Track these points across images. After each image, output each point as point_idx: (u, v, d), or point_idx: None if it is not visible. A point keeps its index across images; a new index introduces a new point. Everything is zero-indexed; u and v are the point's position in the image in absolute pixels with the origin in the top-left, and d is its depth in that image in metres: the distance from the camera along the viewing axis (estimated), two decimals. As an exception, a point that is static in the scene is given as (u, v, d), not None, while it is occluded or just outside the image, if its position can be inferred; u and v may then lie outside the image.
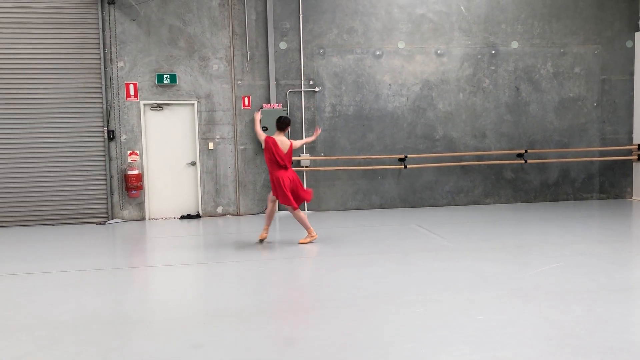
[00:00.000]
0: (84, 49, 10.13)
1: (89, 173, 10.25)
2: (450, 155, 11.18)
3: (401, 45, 11.01)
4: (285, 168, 7.57)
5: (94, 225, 10.08)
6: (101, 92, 10.19)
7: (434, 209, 10.91)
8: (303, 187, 7.84)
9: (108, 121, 10.25)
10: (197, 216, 10.61)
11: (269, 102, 10.60)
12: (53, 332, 4.44)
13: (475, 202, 11.39)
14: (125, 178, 10.24)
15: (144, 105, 10.40)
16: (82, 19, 10.09)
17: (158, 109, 10.48)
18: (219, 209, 10.72)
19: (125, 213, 10.45)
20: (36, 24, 9.97)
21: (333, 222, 9.72)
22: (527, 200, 11.54)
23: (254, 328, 4.46)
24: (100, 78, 10.16)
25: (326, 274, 6.14)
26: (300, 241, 7.80)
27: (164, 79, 10.34)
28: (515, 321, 4.46)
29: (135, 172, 10.23)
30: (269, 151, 7.51)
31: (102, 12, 10.14)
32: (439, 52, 11.12)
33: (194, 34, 10.44)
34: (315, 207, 10.92)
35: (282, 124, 7.64)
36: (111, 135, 10.25)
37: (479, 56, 11.23)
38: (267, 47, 10.60)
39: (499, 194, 11.46)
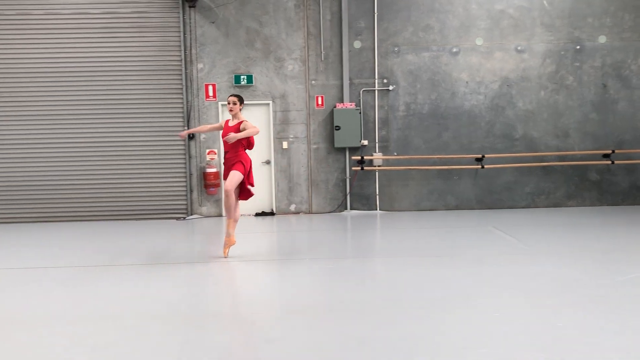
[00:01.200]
0: (166, 51, 10.57)
1: (171, 171, 10.68)
2: (531, 155, 10.77)
3: (479, 42, 10.72)
4: None
5: (174, 220, 10.49)
6: (182, 93, 10.59)
7: (512, 211, 10.54)
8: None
9: (188, 121, 10.64)
10: (271, 214, 10.80)
11: (342, 102, 10.62)
12: (137, 322, 4.65)
13: (556, 205, 10.91)
14: (204, 176, 10.59)
15: (222, 105, 10.71)
16: (164, 22, 10.53)
17: (235, 108, 10.75)
18: (292, 207, 10.86)
19: (204, 209, 10.80)
20: (122, 28, 10.50)
21: (406, 222, 9.61)
22: (614, 203, 10.92)
23: (326, 325, 4.49)
24: (181, 79, 10.57)
25: (398, 274, 6.08)
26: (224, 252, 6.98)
27: (241, 80, 10.60)
28: (597, 331, 4.23)
29: (214, 170, 10.56)
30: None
31: (183, 15, 10.53)
32: (519, 48, 10.73)
33: (270, 35, 10.63)
34: (388, 207, 10.84)
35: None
36: (191, 135, 10.63)
37: (562, 52, 10.74)
38: (341, 47, 10.63)
39: (583, 196, 10.91)
